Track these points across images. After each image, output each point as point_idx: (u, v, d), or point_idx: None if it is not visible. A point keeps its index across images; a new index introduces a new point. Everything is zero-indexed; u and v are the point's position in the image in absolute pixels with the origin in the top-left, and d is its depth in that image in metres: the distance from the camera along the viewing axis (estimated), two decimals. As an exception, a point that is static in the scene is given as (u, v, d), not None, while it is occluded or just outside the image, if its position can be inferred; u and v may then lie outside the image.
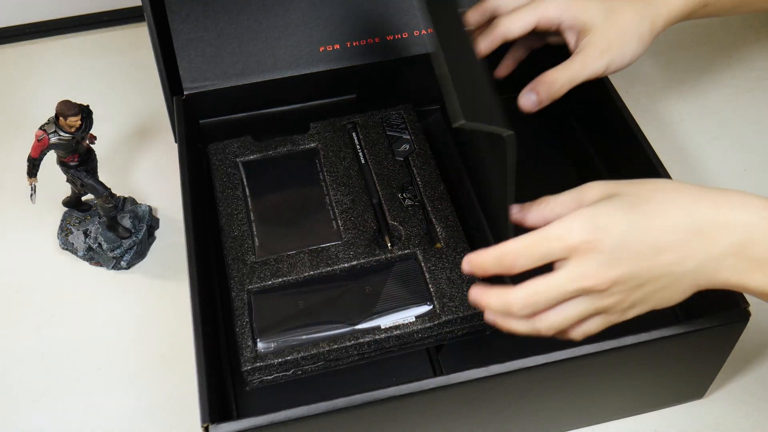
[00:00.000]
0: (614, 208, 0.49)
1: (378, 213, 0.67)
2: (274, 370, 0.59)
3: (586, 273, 0.48)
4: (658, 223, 0.49)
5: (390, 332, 0.59)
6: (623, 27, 0.61)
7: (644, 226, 0.49)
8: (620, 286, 0.49)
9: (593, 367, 0.56)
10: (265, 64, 0.73)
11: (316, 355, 0.59)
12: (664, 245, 0.49)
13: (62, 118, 0.66)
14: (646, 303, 0.51)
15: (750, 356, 0.68)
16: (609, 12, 0.61)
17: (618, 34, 0.61)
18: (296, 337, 0.59)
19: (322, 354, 0.59)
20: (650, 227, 0.49)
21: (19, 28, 0.97)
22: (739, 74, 0.90)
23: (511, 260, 0.50)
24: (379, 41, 0.75)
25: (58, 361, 0.69)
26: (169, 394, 0.67)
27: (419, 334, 0.59)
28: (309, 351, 0.59)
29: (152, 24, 0.72)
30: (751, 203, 0.49)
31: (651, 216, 0.49)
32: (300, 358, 0.59)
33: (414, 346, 0.60)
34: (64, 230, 0.76)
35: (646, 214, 0.49)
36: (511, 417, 0.59)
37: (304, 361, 0.59)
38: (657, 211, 0.49)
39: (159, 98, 0.76)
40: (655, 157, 0.66)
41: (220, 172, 0.71)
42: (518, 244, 0.50)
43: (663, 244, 0.49)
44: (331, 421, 0.52)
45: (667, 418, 0.64)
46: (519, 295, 0.49)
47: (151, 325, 0.71)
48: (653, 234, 0.49)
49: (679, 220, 0.49)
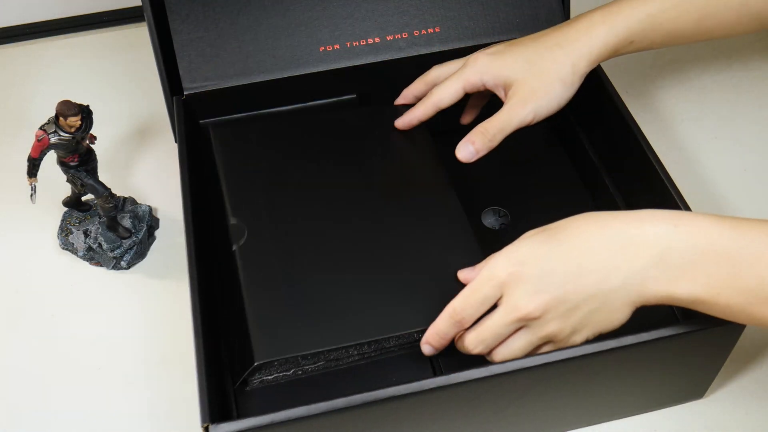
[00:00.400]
0: (533, 241, 0.54)
1: None
2: (275, 370, 0.59)
3: (517, 303, 0.53)
4: (576, 246, 0.53)
5: None
6: (544, 74, 0.64)
7: (563, 251, 0.53)
8: (552, 312, 0.53)
9: (593, 367, 0.56)
10: (265, 64, 0.73)
11: (316, 355, 0.59)
12: (586, 266, 0.52)
13: (62, 118, 0.66)
14: (588, 327, 0.54)
15: (750, 356, 0.68)
16: (528, 63, 0.65)
17: (540, 82, 0.64)
18: None
19: (323, 354, 0.59)
20: (570, 252, 0.52)
21: (19, 28, 0.97)
22: (739, 74, 0.90)
23: (460, 315, 0.55)
24: (379, 41, 0.75)
25: (58, 362, 0.69)
26: (169, 394, 0.67)
27: (419, 335, 0.59)
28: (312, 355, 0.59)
29: (152, 24, 0.72)
30: (660, 216, 0.52)
31: (569, 242, 0.53)
32: (300, 357, 0.59)
33: (414, 346, 0.60)
34: (64, 230, 0.76)
35: (564, 241, 0.53)
36: (511, 417, 0.59)
37: (305, 361, 0.59)
38: (574, 236, 0.53)
39: (159, 98, 0.76)
40: (655, 157, 0.66)
41: None
42: (459, 299, 0.55)
43: (585, 265, 0.52)
44: (331, 421, 0.52)
45: (667, 418, 0.64)
46: (470, 336, 0.56)
47: (151, 325, 0.71)
48: (573, 258, 0.52)
49: (597, 241, 0.52)
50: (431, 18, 0.75)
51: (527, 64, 0.65)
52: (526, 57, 0.65)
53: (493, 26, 0.76)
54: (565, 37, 0.65)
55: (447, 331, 0.56)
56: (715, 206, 0.78)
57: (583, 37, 0.65)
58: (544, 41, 0.66)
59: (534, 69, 0.64)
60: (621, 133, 0.70)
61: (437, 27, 0.75)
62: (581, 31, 0.65)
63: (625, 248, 0.51)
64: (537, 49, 0.65)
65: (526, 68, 0.64)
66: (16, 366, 0.69)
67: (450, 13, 0.75)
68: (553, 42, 0.65)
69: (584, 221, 0.54)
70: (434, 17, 0.75)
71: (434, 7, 0.75)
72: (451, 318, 0.56)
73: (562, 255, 0.53)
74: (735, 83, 0.89)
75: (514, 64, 0.65)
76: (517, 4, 0.76)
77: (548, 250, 0.53)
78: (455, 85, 0.67)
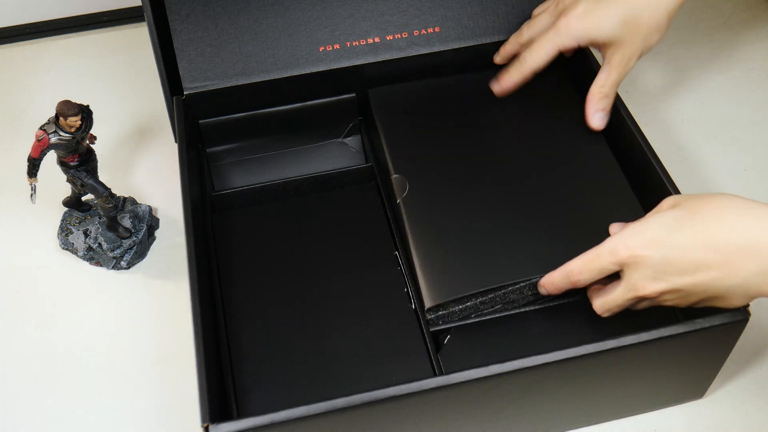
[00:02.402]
0: (665, 219, 0.54)
1: None
2: (456, 316, 0.62)
3: (635, 285, 0.54)
4: (700, 240, 0.52)
5: None
6: (643, 31, 0.65)
7: (690, 239, 0.52)
8: (669, 296, 0.54)
9: (593, 367, 0.56)
10: (265, 64, 0.73)
11: (493, 299, 0.61)
12: (706, 262, 0.52)
13: (62, 118, 0.66)
14: (707, 303, 0.55)
15: (750, 356, 0.68)
16: (625, 23, 0.65)
17: (641, 40, 0.65)
18: None
19: (499, 297, 0.61)
20: (697, 242, 0.52)
21: (19, 28, 0.97)
22: (739, 74, 0.90)
23: (576, 277, 0.57)
24: (379, 41, 0.75)
25: (58, 362, 0.70)
26: (169, 394, 0.67)
27: None
28: (487, 295, 0.61)
29: (152, 24, 0.72)
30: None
31: (694, 234, 0.53)
32: (479, 303, 0.61)
33: None
34: (64, 230, 0.76)
35: (690, 231, 0.53)
36: (511, 417, 0.59)
37: (483, 306, 0.61)
38: (701, 229, 0.53)
39: (159, 98, 0.76)
40: (655, 157, 0.66)
41: None
42: (579, 261, 0.57)
43: (705, 261, 0.52)
44: (331, 421, 0.52)
45: (667, 418, 0.64)
46: (597, 303, 0.58)
47: (151, 325, 0.71)
48: (695, 251, 0.52)
49: (722, 237, 0.52)
50: (431, 18, 0.75)
51: (624, 25, 0.65)
52: (621, 16, 0.65)
53: (493, 26, 0.76)
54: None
55: (560, 285, 0.59)
56: (715, 206, 0.78)
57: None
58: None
59: (632, 28, 0.65)
60: (621, 134, 0.70)
61: (437, 27, 0.75)
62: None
63: (751, 250, 0.51)
64: (632, 5, 0.64)
65: (624, 29, 0.65)
66: (16, 366, 0.69)
67: (450, 13, 0.75)
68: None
69: (718, 212, 0.53)
70: (434, 17, 0.75)
71: (434, 7, 0.75)
72: (567, 277, 0.58)
73: (688, 243, 0.52)
74: (735, 83, 0.89)
75: (610, 25, 0.65)
76: (516, 4, 0.76)
77: (676, 235, 0.53)
78: (550, 51, 0.68)
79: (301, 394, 0.60)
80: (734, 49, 0.93)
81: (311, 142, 0.78)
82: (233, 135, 0.76)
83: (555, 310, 0.63)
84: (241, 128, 0.76)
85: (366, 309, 0.65)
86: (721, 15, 0.97)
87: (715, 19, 0.96)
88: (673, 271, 0.53)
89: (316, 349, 0.63)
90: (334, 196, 0.73)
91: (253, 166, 0.77)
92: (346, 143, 0.79)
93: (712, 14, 0.97)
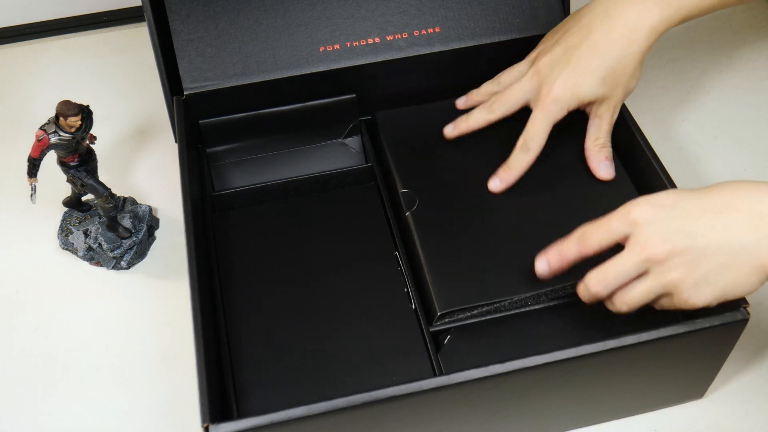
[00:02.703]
0: (671, 193, 0.56)
1: None
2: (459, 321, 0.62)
3: (645, 242, 0.54)
4: (712, 204, 0.54)
5: None
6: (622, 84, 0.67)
7: (703, 204, 0.54)
8: (679, 258, 0.53)
9: (593, 367, 0.56)
10: (265, 64, 0.73)
11: (498, 308, 0.62)
12: (721, 222, 0.53)
13: (62, 118, 0.66)
14: (713, 285, 0.53)
15: (750, 356, 0.68)
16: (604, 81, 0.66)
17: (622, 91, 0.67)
18: None
19: (504, 306, 0.62)
20: (709, 207, 0.54)
21: (19, 28, 0.97)
22: (739, 74, 0.90)
23: (586, 238, 0.57)
24: (379, 41, 0.75)
25: (58, 362, 0.70)
26: (169, 394, 0.67)
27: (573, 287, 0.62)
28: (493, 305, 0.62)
29: (152, 24, 0.72)
30: None
31: (707, 198, 0.54)
32: (485, 311, 0.62)
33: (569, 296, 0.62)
34: (64, 230, 0.76)
35: (702, 197, 0.55)
36: (511, 417, 0.59)
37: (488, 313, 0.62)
38: (720, 193, 0.54)
39: (159, 98, 0.76)
40: (655, 157, 0.66)
41: None
42: (590, 223, 0.57)
43: (720, 221, 0.53)
44: (331, 421, 0.52)
45: (667, 418, 0.64)
46: (593, 274, 0.57)
47: (151, 325, 0.71)
48: (711, 212, 0.53)
49: (741, 202, 0.53)
50: (431, 18, 0.75)
51: (605, 81, 0.66)
52: (601, 74, 0.66)
53: (493, 26, 0.76)
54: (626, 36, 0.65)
55: (568, 252, 0.58)
56: (715, 206, 0.78)
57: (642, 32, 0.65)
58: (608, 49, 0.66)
59: (613, 82, 0.66)
60: (621, 134, 0.70)
61: (437, 27, 0.75)
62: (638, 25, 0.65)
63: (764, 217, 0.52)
64: (607, 61, 0.66)
65: (606, 85, 0.66)
66: (15, 365, 0.69)
67: (450, 13, 0.75)
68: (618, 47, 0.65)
69: (736, 185, 0.55)
70: (434, 17, 0.75)
71: (434, 7, 0.75)
72: (578, 241, 0.58)
73: (700, 207, 0.54)
74: (735, 83, 0.89)
75: (593, 85, 0.66)
76: (516, 4, 0.76)
77: (689, 201, 0.54)
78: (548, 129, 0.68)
79: (301, 394, 0.60)
80: (734, 49, 0.93)
81: (311, 142, 0.78)
82: (233, 135, 0.76)
83: (555, 310, 0.63)
84: (241, 128, 0.76)
85: (366, 309, 0.65)
86: (721, 15, 0.97)
87: (715, 19, 0.96)
88: (684, 230, 0.53)
89: (316, 349, 0.63)
90: (334, 196, 0.73)
91: (253, 166, 0.77)
92: (346, 143, 0.79)
93: (712, 14, 0.97)
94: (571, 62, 0.66)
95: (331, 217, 0.72)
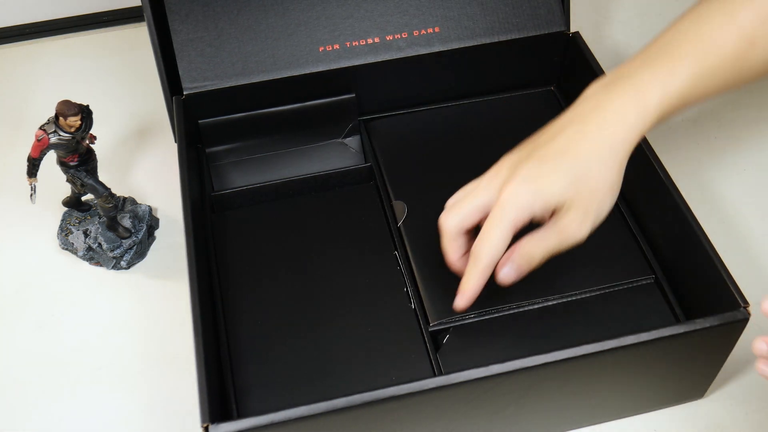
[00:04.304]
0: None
1: None
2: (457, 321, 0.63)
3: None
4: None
5: None
6: (594, 192, 0.55)
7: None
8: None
9: (593, 367, 0.56)
10: (265, 64, 0.73)
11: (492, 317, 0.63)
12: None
13: (62, 118, 0.66)
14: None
15: (750, 356, 0.67)
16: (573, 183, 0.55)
17: (591, 200, 0.55)
18: None
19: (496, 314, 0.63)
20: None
21: (19, 28, 0.97)
22: (739, 74, 0.90)
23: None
24: (378, 41, 0.75)
25: (58, 361, 0.70)
26: (169, 394, 0.67)
27: None
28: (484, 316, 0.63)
29: (152, 24, 0.72)
30: None
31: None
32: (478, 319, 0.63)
33: None
34: (64, 230, 0.76)
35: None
36: (511, 417, 0.59)
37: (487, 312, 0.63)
38: None
39: (159, 98, 0.76)
40: (655, 157, 0.66)
41: None
42: None
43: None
44: (331, 421, 0.52)
45: (667, 418, 0.64)
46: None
47: (151, 325, 0.71)
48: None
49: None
50: (431, 18, 0.75)
51: (575, 183, 0.55)
52: (571, 175, 0.55)
53: (492, 26, 0.76)
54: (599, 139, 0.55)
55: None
56: (715, 206, 0.78)
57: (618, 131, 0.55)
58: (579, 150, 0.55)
59: (583, 186, 0.55)
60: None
61: (437, 27, 0.75)
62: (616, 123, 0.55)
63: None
64: (579, 163, 0.55)
65: (574, 188, 0.55)
66: (15, 365, 0.69)
67: (450, 13, 0.75)
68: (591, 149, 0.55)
69: None
70: (434, 17, 0.75)
71: (434, 7, 0.75)
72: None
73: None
74: (735, 83, 0.89)
75: (561, 185, 0.55)
76: (516, 4, 0.76)
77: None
78: (506, 234, 0.55)
79: (301, 394, 0.60)
80: (734, 49, 0.93)
81: (311, 142, 0.78)
82: (233, 135, 0.76)
83: (555, 310, 0.63)
84: (241, 128, 0.76)
85: (365, 308, 0.65)
86: (721, 15, 0.96)
87: (715, 19, 0.96)
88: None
89: (316, 349, 0.63)
90: (333, 195, 0.74)
91: (252, 166, 0.77)
92: (346, 143, 0.79)
93: (712, 14, 0.97)
94: (537, 160, 0.56)
95: (330, 217, 0.72)
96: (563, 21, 0.77)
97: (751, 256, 0.74)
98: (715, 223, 0.76)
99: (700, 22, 0.56)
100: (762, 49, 0.56)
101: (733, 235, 0.76)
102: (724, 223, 0.76)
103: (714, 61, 0.55)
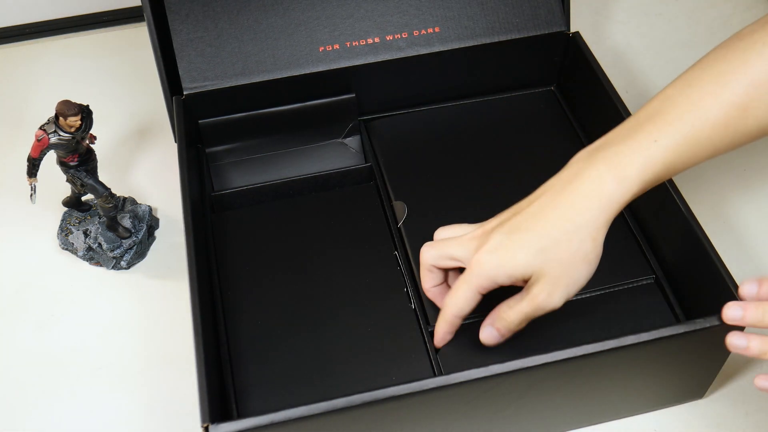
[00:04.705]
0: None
1: None
2: None
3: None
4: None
5: None
6: (565, 262, 0.54)
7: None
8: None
9: (593, 367, 0.56)
10: (265, 64, 0.73)
11: None
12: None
13: (62, 118, 0.66)
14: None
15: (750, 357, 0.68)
16: (542, 252, 0.54)
17: (563, 270, 0.55)
18: None
19: None
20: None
21: (19, 28, 0.97)
22: (739, 74, 0.90)
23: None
24: (378, 41, 0.75)
25: (58, 361, 0.70)
26: (169, 394, 0.67)
27: None
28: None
29: (152, 24, 0.72)
30: None
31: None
32: None
33: None
34: (64, 230, 0.76)
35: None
36: (511, 417, 0.59)
37: None
38: None
39: (159, 98, 0.76)
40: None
41: None
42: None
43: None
44: (331, 421, 0.52)
45: (667, 418, 0.64)
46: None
47: (151, 325, 0.71)
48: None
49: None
50: (431, 18, 0.75)
51: (541, 254, 0.54)
52: (537, 246, 0.54)
53: (492, 26, 0.76)
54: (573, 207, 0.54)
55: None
56: (715, 206, 0.78)
57: (593, 201, 0.54)
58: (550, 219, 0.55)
59: (551, 257, 0.54)
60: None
61: (437, 27, 0.75)
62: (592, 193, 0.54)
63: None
64: (548, 233, 0.54)
65: (541, 259, 0.54)
66: (15, 365, 0.69)
67: (450, 13, 0.75)
68: (562, 218, 0.54)
69: None
70: (434, 17, 0.75)
71: (434, 7, 0.75)
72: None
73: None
74: (735, 83, 0.89)
75: (526, 257, 0.54)
76: (516, 4, 0.76)
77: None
78: (469, 295, 0.57)
79: (301, 394, 0.60)
80: (734, 49, 0.92)
81: (311, 142, 0.78)
82: (233, 135, 0.76)
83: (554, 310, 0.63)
84: (241, 128, 0.76)
85: (366, 309, 0.65)
86: (721, 15, 0.97)
87: (715, 19, 0.96)
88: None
89: (316, 349, 0.63)
90: (333, 195, 0.74)
91: (252, 166, 0.77)
92: (346, 143, 0.79)
93: (712, 14, 0.97)
94: (507, 230, 0.56)
95: (330, 217, 0.72)
96: (563, 21, 0.77)
97: (751, 256, 0.74)
98: (715, 223, 0.76)
99: (690, 88, 0.54)
100: (754, 116, 0.53)
101: (733, 235, 0.76)
102: (724, 223, 0.77)
103: (703, 128, 0.54)
